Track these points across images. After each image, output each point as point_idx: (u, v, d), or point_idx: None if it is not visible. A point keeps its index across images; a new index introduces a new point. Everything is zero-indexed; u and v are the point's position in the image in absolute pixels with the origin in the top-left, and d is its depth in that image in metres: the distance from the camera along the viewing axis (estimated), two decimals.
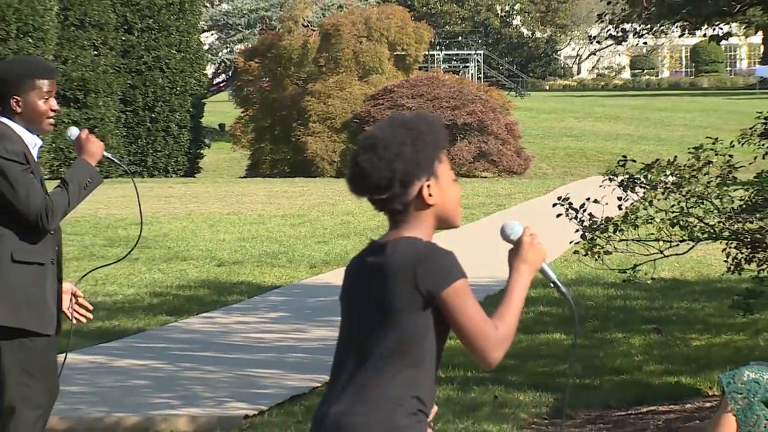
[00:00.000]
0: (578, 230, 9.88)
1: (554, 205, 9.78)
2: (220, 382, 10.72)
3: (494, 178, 36.72)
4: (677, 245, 9.80)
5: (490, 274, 13.56)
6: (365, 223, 23.12)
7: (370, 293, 4.04)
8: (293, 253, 19.46)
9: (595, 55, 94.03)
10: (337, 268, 17.40)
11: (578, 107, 60.56)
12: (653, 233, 9.87)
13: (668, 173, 9.66)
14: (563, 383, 10.48)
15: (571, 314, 12.94)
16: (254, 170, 42.15)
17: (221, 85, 63.63)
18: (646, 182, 9.69)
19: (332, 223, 23.58)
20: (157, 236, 21.23)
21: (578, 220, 9.85)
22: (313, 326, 13.35)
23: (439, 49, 67.76)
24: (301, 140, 40.56)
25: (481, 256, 14.17)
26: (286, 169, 41.24)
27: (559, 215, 9.89)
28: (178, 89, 40.48)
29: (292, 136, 41.06)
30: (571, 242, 10.01)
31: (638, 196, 9.79)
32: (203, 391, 10.36)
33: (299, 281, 16.76)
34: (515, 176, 38.35)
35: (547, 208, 11.00)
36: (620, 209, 9.81)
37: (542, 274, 4.19)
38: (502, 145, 39.29)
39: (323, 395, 4.16)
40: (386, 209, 4.09)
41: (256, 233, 22.06)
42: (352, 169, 4.08)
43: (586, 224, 9.82)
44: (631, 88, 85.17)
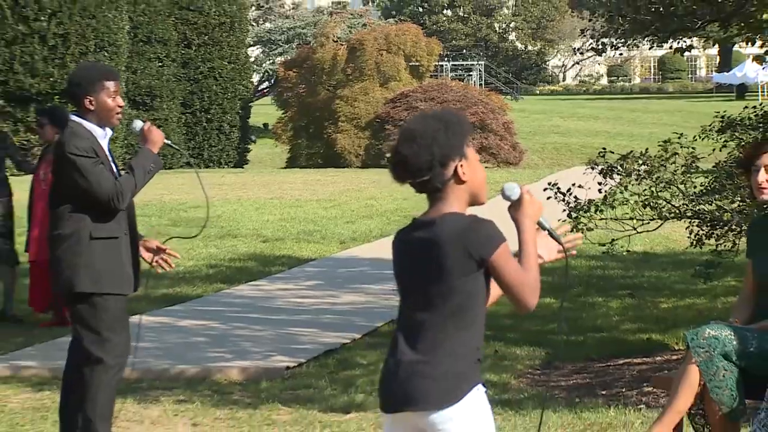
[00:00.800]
0: (565, 210, 9.87)
1: (545, 189, 9.77)
2: (265, 339, 10.73)
3: (494, 168, 36.59)
4: (648, 223, 9.78)
5: None
6: (386, 206, 23.08)
7: (427, 265, 4.04)
8: (326, 231, 19.43)
9: (578, 64, 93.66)
10: (363, 244, 17.37)
11: (564, 109, 60.36)
12: (628, 213, 9.85)
13: (641, 163, 9.64)
14: (553, 340, 10.47)
15: (559, 286, 12.90)
16: (293, 162, 42.10)
17: (265, 90, 63.57)
18: (622, 170, 9.68)
19: (358, 206, 23.55)
20: (212, 217, 21.17)
21: (565, 202, 9.84)
22: (343, 292, 13.35)
23: (446, 60, 67.52)
24: (331, 137, 40.55)
25: None
26: (319, 161, 41.16)
27: (549, 198, 9.87)
28: (229, 94, 40.42)
29: (324, 133, 41.02)
30: (558, 220, 9.99)
31: (615, 182, 9.77)
32: (251, 346, 10.36)
33: (331, 255, 16.75)
34: (511, 166, 38.24)
35: (538, 193, 10.94)
36: (600, 193, 9.80)
37: (538, 225, 4.24)
38: (500, 140, 39.17)
39: (389, 350, 4.13)
40: (427, 189, 4.10)
41: (294, 215, 22.05)
42: (395, 157, 4.11)
43: (571, 205, 9.81)
44: (608, 92, 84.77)
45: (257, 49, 60.69)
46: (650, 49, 12.18)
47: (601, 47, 10.62)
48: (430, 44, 44.33)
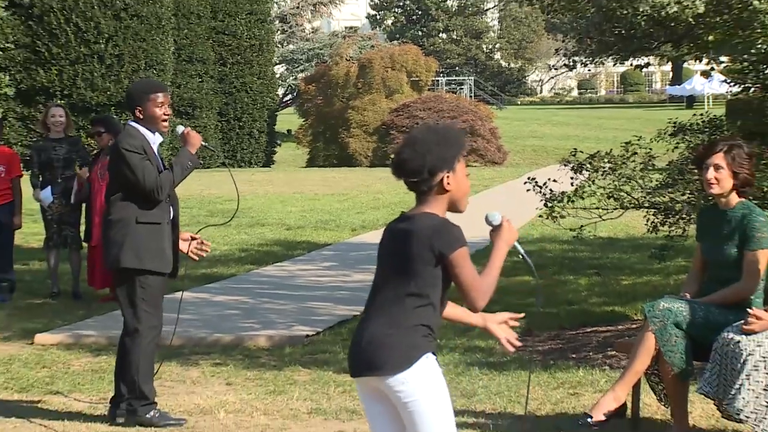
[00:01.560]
0: (542, 200, 9.84)
1: (525, 183, 9.76)
2: (288, 311, 10.72)
3: (481, 167, 36.56)
4: (612, 212, 9.76)
5: (474, 234, 13.48)
6: (390, 199, 23.07)
7: (400, 251, 4.03)
8: (339, 220, 19.43)
9: (553, 79, 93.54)
10: (371, 231, 17.34)
11: (541, 116, 60.26)
12: (595, 203, 9.82)
13: (606, 161, 9.61)
14: (531, 311, 10.43)
15: (536, 265, 12.86)
16: (312, 162, 42.10)
17: (288, 102, 63.46)
18: (590, 167, 9.65)
19: (367, 199, 23.53)
20: (243, 209, 21.14)
21: (542, 194, 9.82)
22: (354, 272, 13.33)
23: (442, 75, 67.39)
24: (344, 141, 40.56)
25: (470, 222, 14.10)
26: (334, 161, 41.14)
27: (528, 190, 9.85)
28: (258, 105, 40.37)
29: (338, 138, 41.01)
30: (536, 208, 9.97)
31: (584, 177, 9.74)
32: (276, 318, 10.35)
33: (344, 241, 16.72)
34: (496, 165, 38.19)
35: (519, 186, 10.94)
36: (572, 186, 9.77)
37: (513, 248, 4.26)
38: (487, 143, 39.14)
39: (359, 320, 4.15)
40: (415, 190, 4.09)
41: (313, 207, 22.04)
42: (396, 158, 4.10)
43: (547, 197, 9.78)
44: (578, 102, 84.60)
45: (282, 67, 60.57)
46: (614, 65, 12.14)
47: (572, 64, 10.59)
48: (428, 62, 44.31)
